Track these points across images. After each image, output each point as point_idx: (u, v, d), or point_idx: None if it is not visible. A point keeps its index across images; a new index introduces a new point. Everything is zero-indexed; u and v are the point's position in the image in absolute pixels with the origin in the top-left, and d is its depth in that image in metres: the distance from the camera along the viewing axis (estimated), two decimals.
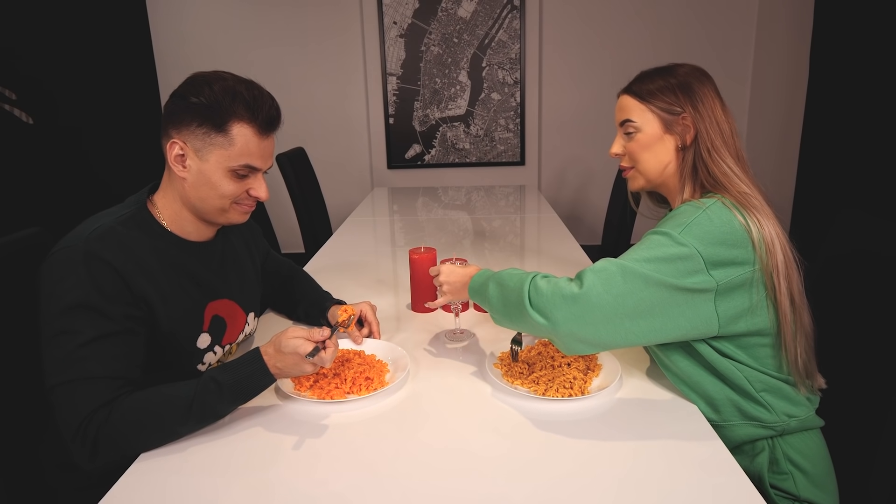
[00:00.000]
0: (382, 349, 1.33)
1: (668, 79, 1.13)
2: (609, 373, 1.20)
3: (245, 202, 1.16)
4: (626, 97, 1.17)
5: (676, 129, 1.12)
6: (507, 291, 1.07)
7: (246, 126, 1.08)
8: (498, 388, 1.18)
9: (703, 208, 1.02)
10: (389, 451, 1.00)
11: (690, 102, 1.10)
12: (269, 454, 0.99)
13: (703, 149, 1.09)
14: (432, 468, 0.95)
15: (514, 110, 4.06)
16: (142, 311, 1.06)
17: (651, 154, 1.15)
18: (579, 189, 4.30)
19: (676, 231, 1.00)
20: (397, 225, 2.70)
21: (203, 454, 0.99)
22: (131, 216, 1.11)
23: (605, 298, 0.97)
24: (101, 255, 1.01)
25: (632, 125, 1.15)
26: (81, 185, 3.35)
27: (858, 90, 2.98)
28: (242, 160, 1.09)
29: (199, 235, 1.20)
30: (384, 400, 1.15)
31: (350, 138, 4.18)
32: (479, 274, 1.20)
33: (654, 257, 0.99)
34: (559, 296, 0.99)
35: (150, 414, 0.99)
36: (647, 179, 1.18)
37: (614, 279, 0.98)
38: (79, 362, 0.97)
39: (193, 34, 3.96)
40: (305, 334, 1.04)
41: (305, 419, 1.10)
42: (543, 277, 1.04)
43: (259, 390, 1.07)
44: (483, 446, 1.00)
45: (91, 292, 0.98)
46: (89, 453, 0.96)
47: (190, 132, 1.07)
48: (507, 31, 3.92)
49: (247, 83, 1.10)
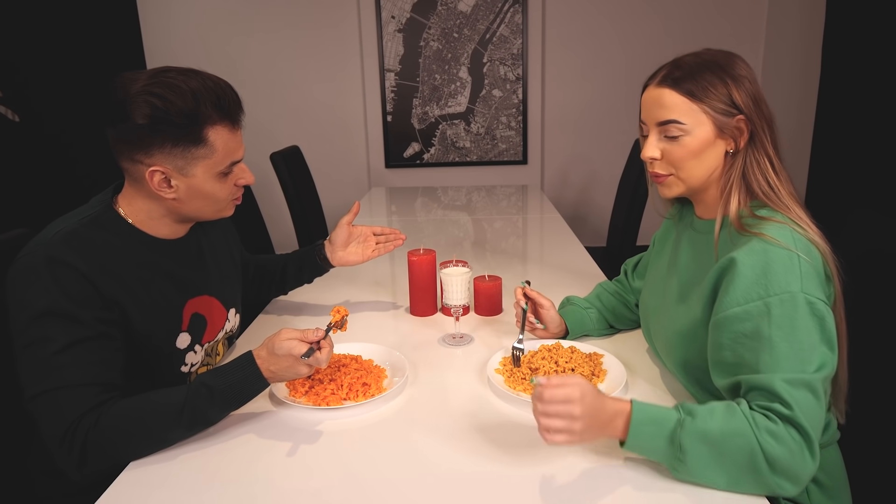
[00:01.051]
0: (380, 354, 1.33)
1: (720, 73, 1.00)
2: (614, 378, 1.21)
3: (236, 195, 1.20)
4: (671, 92, 1.01)
5: (729, 132, 1.01)
6: (730, 459, 0.87)
7: (220, 128, 1.08)
8: (500, 394, 1.18)
9: (794, 252, 0.92)
10: (387, 460, 1.00)
11: (746, 100, 0.99)
12: (262, 463, 0.99)
13: (759, 154, 1.01)
14: (431, 478, 0.95)
15: (516, 107, 4.07)
16: (114, 313, 1.05)
17: (698, 161, 1.03)
18: (583, 189, 4.31)
19: (800, 301, 0.89)
20: (395, 226, 2.70)
21: (194, 462, 0.99)
22: (95, 217, 1.11)
23: (819, 419, 0.88)
24: (64, 258, 1.00)
25: (679, 127, 1.01)
26: (68, 185, 3.35)
27: (872, 86, 2.97)
28: (227, 161, 1.11)
29: (172, 233, 1.20)
30: (382, 406, 1.16)
31: (346, 136, 4.19)
32: (646, 422, 0.90)
33: (809, 342, 0.89)
34: (801, 460, 0.86)
35: (139, 421, 0.99)
36: (688, 187, 1.07)
37: (813, 406, 0.88)
38: (57, 370, 0.97)
39: (183, 29, 3.97)
40: (299, 335, 1.04)
41: (300, 426, 1.10)
42: (771, 437, 0.86)
43: (252, 395, 1.07)
44: (484, 455, 1.00)
45: (59, 298, 0.98)
46: (77, 461, 0.96)
47: (165, 154, 1.05)
48: (508, 26, 3.93)
49: (197, 77, 1.05)
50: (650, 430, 0.89)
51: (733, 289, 0.94)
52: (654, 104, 1.04)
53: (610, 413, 0.90)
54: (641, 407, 0.91)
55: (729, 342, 0.94)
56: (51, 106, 3.26)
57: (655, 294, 1.23)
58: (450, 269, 1.48)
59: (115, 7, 3.77)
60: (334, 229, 1.53)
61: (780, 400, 0.87)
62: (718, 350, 0.97)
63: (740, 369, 0.93)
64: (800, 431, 0.85)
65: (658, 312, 1.20)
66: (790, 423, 0.86)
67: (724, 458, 0.86)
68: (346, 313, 1.16)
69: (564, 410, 0.88)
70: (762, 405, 0.89)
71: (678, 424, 0.88)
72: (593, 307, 1.42)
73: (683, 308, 1.09)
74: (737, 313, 0.93)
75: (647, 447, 0.90)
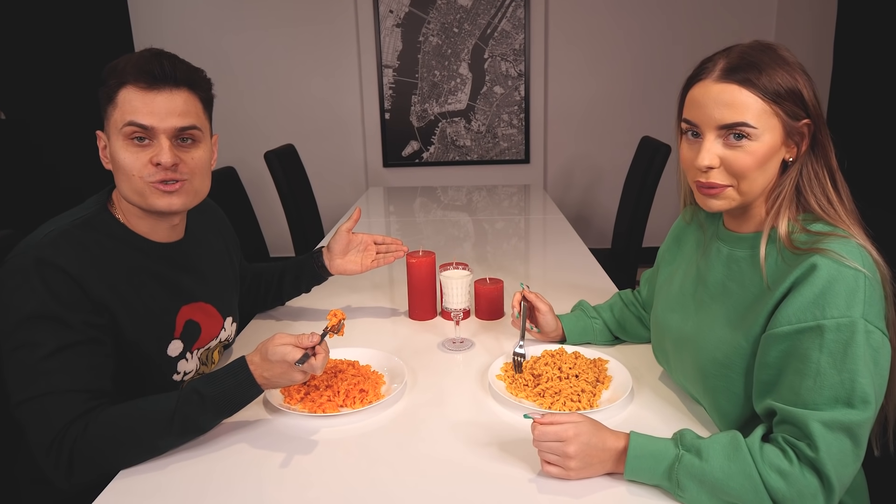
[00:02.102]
0: (378, 359, 1.33)
1: (789, 68, 0.91)
2: (620, 385, 1.20)
3: (155, 178, 1.08)
4: (740, 90, 0.91)
5: (794, 139, 0.94)
6: (732, 500, 0.86)
7: (130, 87, 1.06)
8: (501, 401, 1.18)
9: (861, 271, 0.86)
10: (385, 469, 1.00)
11: (814, 104, 0.92)
12: (256, 471, 0.99)
13: (818, 165, 0.94)
14: (430, 487, 0.95)
15: (518, 105, 4.07)
16: (103, 318, 1.05)
17: (762, 171, 0.94)
18: (588, 189, 4.31)
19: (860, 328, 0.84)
20: (394, 227, 2.70)
21: (186, 471, 0.99)
22: (88, 218, 1.11)
23: (850, 469, 0.85)
24: (53, 261, 1.00)
25: (749, 130, 0.91)
26: (53, 186, 3.35)
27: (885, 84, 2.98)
28: (126, 118, 1.05)
29: (162, 235, 1.18)
30: (379, 414, 1.15)
31: (343, 134, 4.19)
32: (642, 457, 0.90)
33: (860, 373, 0.84)
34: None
35: (128, 429, 0.99)
36: (744, 202, 0.98)
37: (848, 453, 0.84)
38: (44, 376, 0.97)
39: (175, 26, 3.97)
40: (293, 341, 1.03)
41: (295, 434, 1.10)
42: (778, 476, 0.84)
43: (245, 402, 1.07)
44: (485, 464, 1.00)
45: (47, 301, 0.98)
46: (65, 471, 0.96)
47: (105, 121, 1.10)
48: (510, 21, 3.93)
49: (146, 50, 1.10)
50: (648, 464, 0.90)
51: (790, 305, 0.88)
52: (716, 103, 0.92)
53: (610, 450, 0.92)
54: (639, 440, 0.91)
55: (775, 361, 0.90)
56: (39, 104, 3.26)
57: (673, 310, 1.16)
58: (450, 272, 1.48)
59: (105, 4, 3.77)
60: (333, 236, 1.52)
61: (810, 441, 0.83)
62: (763, 369, 0.92)
63: (781, 391, 0.89)
64: (820, 477, 0.82)
65: (682, 333, 1.12)
66: (811, 467, 0.83)
67: (727, 495, 0.85)
68: (344, 317, 1.16)
69: (557, 448, 0.91)
70: (788, 440, 0.86)
71: (676, 460, 0.88)
72: (600, 318, 1.40)
73: (726, 335, 1.00)
74: (787, 332, 0.88)
75: (645, 478, 0.91)
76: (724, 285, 1.04)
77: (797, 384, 0.87)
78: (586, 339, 1.39)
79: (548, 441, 0.92)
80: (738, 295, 1.01)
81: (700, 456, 0.87)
